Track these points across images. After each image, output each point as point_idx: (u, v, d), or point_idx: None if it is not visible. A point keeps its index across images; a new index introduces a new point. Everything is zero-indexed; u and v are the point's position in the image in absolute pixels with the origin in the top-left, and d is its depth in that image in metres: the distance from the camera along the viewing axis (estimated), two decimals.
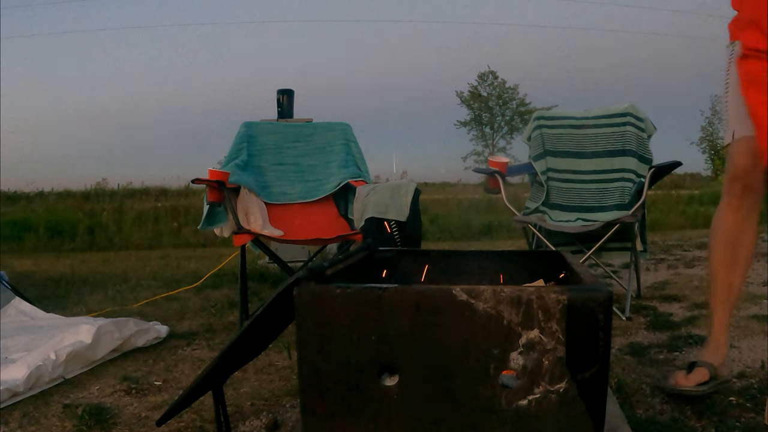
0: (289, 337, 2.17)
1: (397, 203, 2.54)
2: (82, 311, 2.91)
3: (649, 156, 3.03)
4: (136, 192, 12.60)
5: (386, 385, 0.95)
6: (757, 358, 1.90)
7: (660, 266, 4.15)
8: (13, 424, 1.56)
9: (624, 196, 2.97)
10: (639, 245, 2.85)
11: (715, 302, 1.64)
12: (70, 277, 4.15)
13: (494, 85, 32.95)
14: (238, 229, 2.48)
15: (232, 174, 2.67)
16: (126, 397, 1.76)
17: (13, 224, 7.75)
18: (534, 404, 0.91)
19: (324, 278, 1.06)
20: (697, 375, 1.58)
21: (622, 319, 2.53)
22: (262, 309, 1.07)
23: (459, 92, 33.29)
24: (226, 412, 1.37)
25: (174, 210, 8.90)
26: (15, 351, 1.99)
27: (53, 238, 7.31)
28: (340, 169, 3.03)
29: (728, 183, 1.63)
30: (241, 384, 1.84)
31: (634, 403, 1.59)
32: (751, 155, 1.57)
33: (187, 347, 2.29)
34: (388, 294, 0.94)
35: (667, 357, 2.00)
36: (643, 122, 3.09)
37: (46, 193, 12.33)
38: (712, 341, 1.64)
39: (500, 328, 0.91)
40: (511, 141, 32.46)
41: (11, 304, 2.61)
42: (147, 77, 58.28)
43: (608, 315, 0.90)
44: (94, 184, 12.97)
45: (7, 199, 11.56)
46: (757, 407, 1.52)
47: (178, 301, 3.23)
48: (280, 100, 3.85)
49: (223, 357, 1.16)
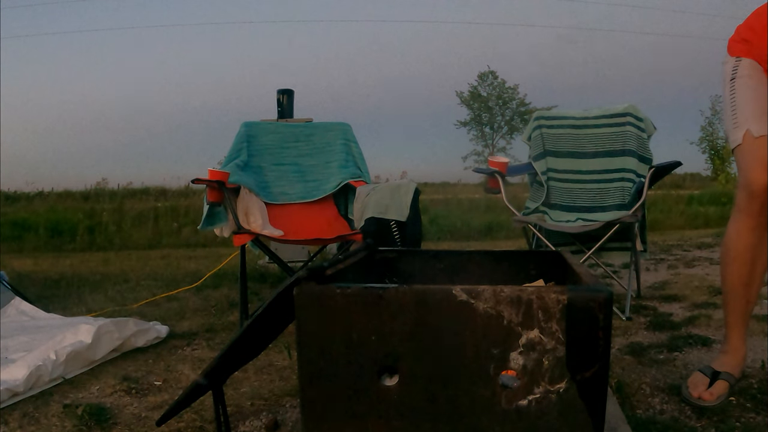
0: (289, 337, 2.17)
1: (397, 203, 2.54)
2: (82, 311, 2.91)
3: (649, 156, 3.03)
4: (136, 192, 12.63)
5: (386, 385, 0.95)
6: (757, 358, 1.90)
7: (660, 266, 4.15)
8: (13, 424, 1.56)
9: (624, 196, 2.97)
10: (639, 245, 2.85)
11: (734, 318, 1.62)
12: (70, 277, 4.15)
13: (494, 85, 32.98)
14: (238, 229, 2.48)
15: (232, 174, 2.67)
16: (126, 397, 1.76)
17: (13, 224, 7.76)
18: (534, 404, 0.91)
19: (324, 278, 1.06)
20: (719, 388, 1.55)
21: (622, 319, 2.53)
22: (262, 309, 1.07)
23: (459, 92, 33.35)
24: (226, 412, 1.37)
25: (174, 210, 8.90)
26: (15, 351, 1.99)
27: (53, 238, 7.32)
28: (340, 169, 3.03)
29: (745, 201, 1.52)
30: (241, 384, 1.84)
31: (634, 403, 1.59)
32: None
33: (187, 347, 2.28)
34: (388, 294, 0.94)
35: (667, 357, 2.00)
36: (643, 122, 3.09)
37: (46, 193, 12.35)
38: (731, 350, 1.63)
39: (500, 328, 0.91)
40: (511, 141, 32.51)
41: (11, 304, 2.61)
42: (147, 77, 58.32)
43: (608, 315, 0.90)
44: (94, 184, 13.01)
45: (7, 199, 11.56)
46: (757, 407, 1.52)
47: (178, 301, 3.23)
48: (280, 100, 3.85)
49: (223, 357, 1.16)
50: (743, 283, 1.58)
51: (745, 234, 1.54)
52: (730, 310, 1.62)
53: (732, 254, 1.59)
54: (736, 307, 1.61)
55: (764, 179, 1.46)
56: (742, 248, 1.56)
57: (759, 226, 1.52)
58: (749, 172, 1.48)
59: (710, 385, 1.57)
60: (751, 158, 1.48)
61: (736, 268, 1.58)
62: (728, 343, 1.64)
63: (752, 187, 1.48)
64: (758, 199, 1.48)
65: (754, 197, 1.48)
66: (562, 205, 3.08)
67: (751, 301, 1.61)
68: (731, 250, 1.59)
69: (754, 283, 1.59)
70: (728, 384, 1.57)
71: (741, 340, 1.63)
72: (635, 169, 3.00)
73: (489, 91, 32.97)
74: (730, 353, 1.63)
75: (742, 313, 1.61)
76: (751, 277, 1.58)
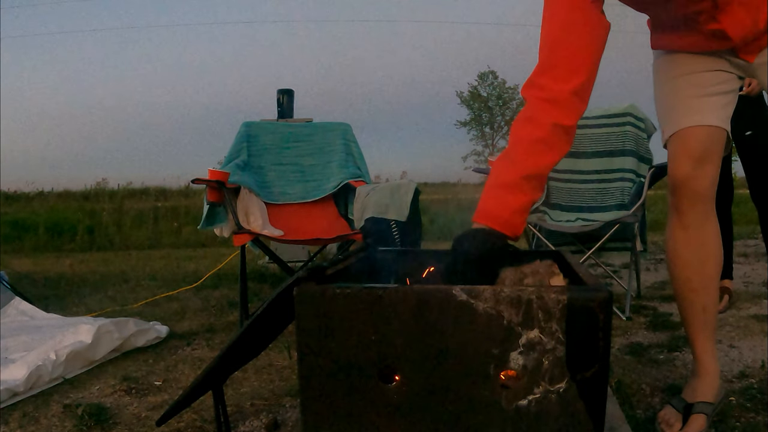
0: (289, 337, 2.17)
1: (397, 203, 2.54)
2: (82, 311, 2.91)
3: (649, 156, 3.03)
4: (136, 192, 12.64)
5: (386, 385, 0.95)
6: (757, 358, 1.90)
7: (660, 266, 4.15)
8: (13, 424, 1.56)
9: (624, 196, 2.97)
10: (639, 245, 2.85)
11: (693, 331, 1.40)
12: (70, 277, 4.15)
13: (494, 85, 33.02)
14: (238, 229, 2.48)
15: (232, 174, 2.67)
16: (126, 397, 1.76)
17: (13, 224, 7.76)
18: (534, 404, 0.91)
19: (324, 278, 1.06)
20: (695, 426, 1.34)
21: (622, 319, 2.53)
22: (262, 309, 1.07)
23: (459, 92, 33.40)
24: (226, 412, 1.37)
25: (174, 210, 8.91)
26: (15, 351, 1.99)
27: (53, 238, 7.32)
28: (340, 169, 3.03)
29: (671, 197, 1.40)
30: (241, 384, 1.84)
31: (634, 403, 1.59)
32: (690, 155, 1.33)
33: (187, 347, 2.29)
34: (388, 294, 0.93)
35: (667, 357, 2.00)
36: (643, 122, 3.09)
37: (46, 193, 12.37)
38: (702, 371, 1.40)
39: (500, 328, 0.91)
40: None
41: (11, 304, 2.61)
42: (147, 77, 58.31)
43: (608, 315, 0.90)
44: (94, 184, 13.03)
45: (7, 199, 11.58)
46: (757, 407, 1.52)
47: (178, 301, 3.23)
48: (280, 100, 3.85)
49: (223, 357, 1.16)
50: (691, 288, 1.39)
51: (677, 233, 1.40)
52: (687, 322, 1.41)
53: (673, 261, 1.42)
54: (692, 317, 1.40)
55: (685, 167, 1.34)
56: (679, 251, 1.40)
57: (691, 222, 1.37)
58: (670, 162, 1.39)
59: (685, 420, 1.36)
60: (673, 148, 1.38)
61: (678, 272, 1.41)
62: (697, 362, 1.41)
63: (673, 179, 1.38)
64: (682, 191, 1.36)
65: (677, 189, 1.37)
66: (562, 205, 3.08)
67: (708, 309, 1.39)
68: (669, 255, 1.43)
69: (705, 289, 1.38)
70: (705, 416, 1.35)
71: (709, 356, 1.40)
72: (635, 169, 3.00)
73: (489, 91, 33.01)
74: (701, 376, 1.40)
75: (701, 324, 1.39)
76: (699, 282, 1.38)
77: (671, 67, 1.41)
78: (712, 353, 1.40)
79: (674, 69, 1.40)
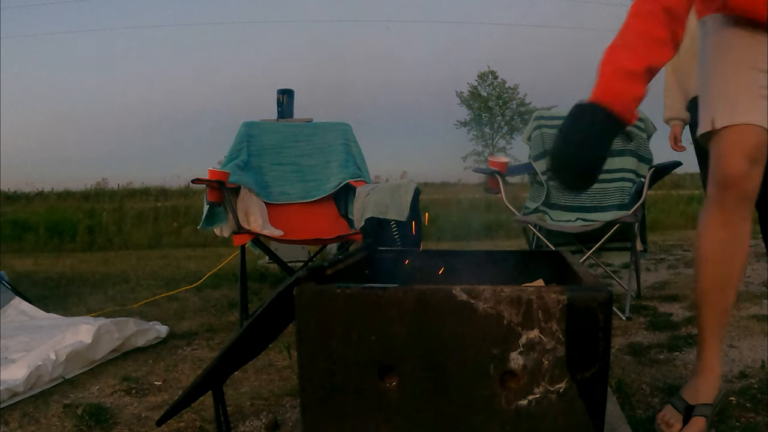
0: (289, 337, 2.16)
1: (397, 203, 2.54)
2: (82, 311, 2.91)
3: (649, 156, 3.03)
4: (136, 192, 12.65)
5: (386, 385, 0.95)
6: (757, 358, 1.90)
7: (660, 266, 4.15)
8: (13, 424, 1.56)
9: (624, 196, 2.97)
10: (639, 245, 2.85)
11: (709, 332, 1.39)
12: (70, 277, 4.15)
13: (494, 85, 32.99)
14: (238, 229, 2.48)
15: (232, 174, 2.68)
16: (126, 397, 1.76)
17: (13, 224, 7.76)
18: (534, 404, 0.91)
19: (324, 278, 1.06)
20: (695, 428, 1.34)
21: (622, 319, 2.53)
22: (262, 309, 1.07)
23: (459, 92, 33.35)
24: (226, 412, 1.37)
25: (174, 210, 8.91)
26: (15, 351, 1.99)
27: (53, 238, 7.32)
28: (340, 169, 3.03)
29: (717, 192, 1.33)
30: (241, 384, 1.84)
31: (634, 403, 1.59)
32: (748, 154, 1.28)
33: (187, 347, 2.28)
34: (388, 294, 0.94)
35: (667, 357, 2.00)
36: (643, 122, 3.09)
37: (46, 193, 12.38)
38: (706, 371, 1.39)
39: (500, 328, 0.91)
40: (511, 141, 32.51)
41: (11, 304, 2.61)
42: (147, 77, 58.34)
43: (608, 315, 0.90)
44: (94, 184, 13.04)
45: (7, 199, 11.58)
46: (757, 407, 1.52)
47: (178, 301, 3.23)
48: (280, 100, 3.85)
49: (223, 357, 1.16)
50: (718, 287, 1.37)
51: (717, 230, 1.35)
52: (705, 320, 1.39)
53: (704, 256, 1.38)
54: (712, 317, 1.38)
55: (740, 165, 1.29)
56: (715, 247, 1.36)
57: (732, 220, 1.33)
58: (723, 156, 1.32)
59: (685, 422, 1.36)
60: (728, 143, 1.32)
61: (709, 269, 1.37)
62: (702, 361, 1.40)
63: (726, 175, 1.31)
64: (733, 190, 1.31)
65: (729, 187, 1.31)
66: (562, 205, 3.08)
67: (726, 310, 1.38)
68: (701, 248, 1.38)
69: (729, 288, 1.37)
70: (705, 419, 1.35)
71: (716, 357, 1.39)
72: (635, 169, 3.00)
73: (489, 91, 32.97)
74: (704, 375, 1.39)
75: (718, 325, 1.38)
76: (726, 281, 1.36)
77: (747, 53, 1.32)
78: (718, 354, 1.40)
79: (748, 59, 1.32)
